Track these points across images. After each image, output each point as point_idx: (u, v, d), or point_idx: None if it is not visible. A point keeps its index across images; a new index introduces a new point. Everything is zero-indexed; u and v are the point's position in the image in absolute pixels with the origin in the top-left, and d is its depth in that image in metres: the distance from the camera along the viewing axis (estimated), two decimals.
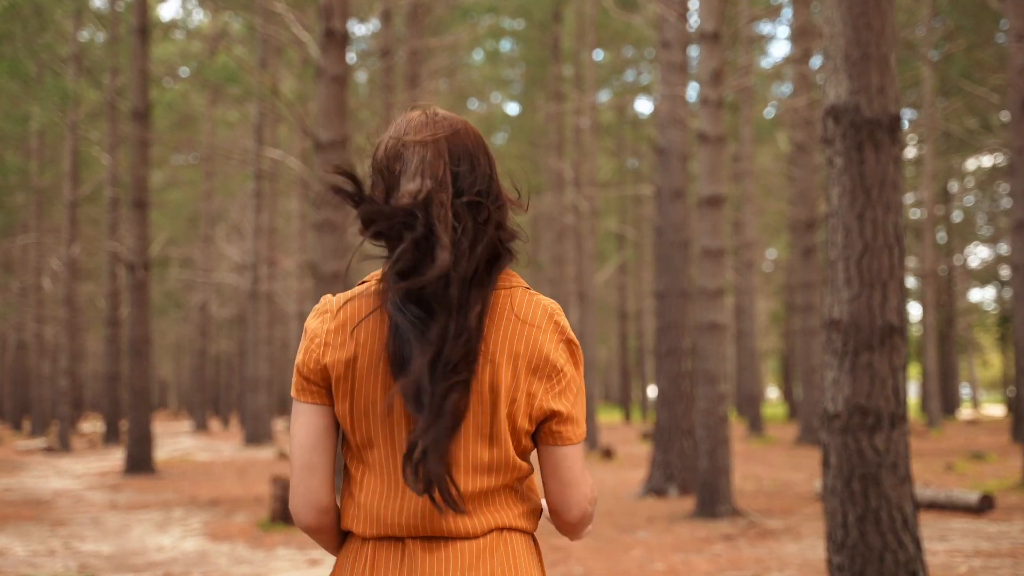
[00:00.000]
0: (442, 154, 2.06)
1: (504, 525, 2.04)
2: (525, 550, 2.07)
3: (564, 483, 2.06)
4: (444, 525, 1.99)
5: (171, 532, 11.90)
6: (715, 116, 12.30)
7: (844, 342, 5.70)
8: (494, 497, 2.04)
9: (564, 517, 2.09)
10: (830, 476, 5.75)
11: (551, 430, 2.03)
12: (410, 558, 1.99)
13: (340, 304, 2.06)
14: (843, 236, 5.74)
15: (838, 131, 5.78)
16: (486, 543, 2.01)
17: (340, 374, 2.01)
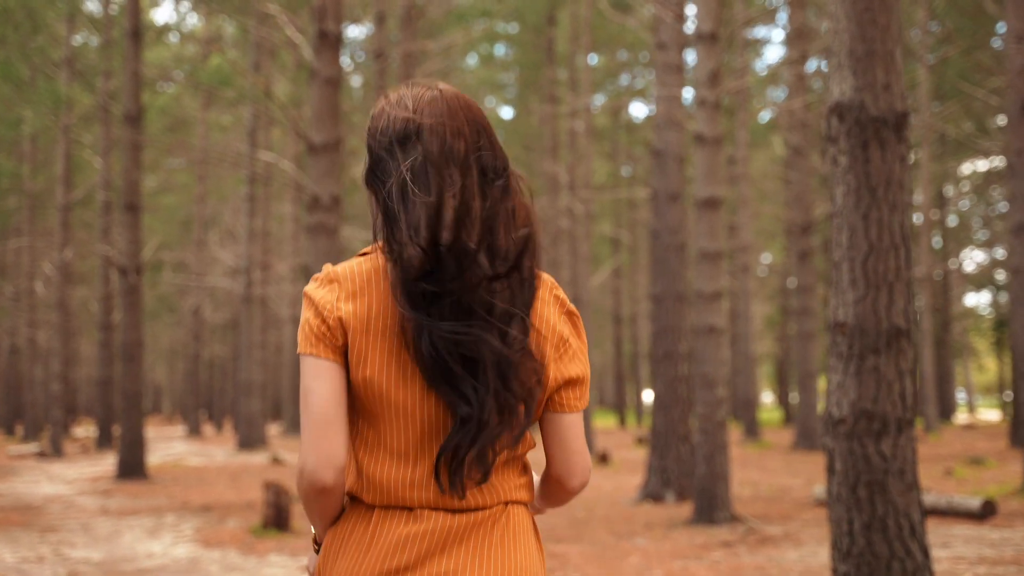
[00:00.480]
0: (462, 134, 2.03)
1: (510, 499, 2.07)
2: (526, 521, 2.10)
3: (570, 451, 2.10)
4: (457, 502, 2.01)
5: (162, 538, 11.74)
6: (712, 117, 12.17)
7: (849, 345, 5.56)
8: (504, 471, 2.07)
9: (568, 484, 2.13)
10: (835, 483, 5.61)
11: (560, 398, 2.07)
12: (417, 519, 2.00)
13: (348, 274, 2.03)
14: (848, 236, 5.60)
15: (842, 129, 5.64)
16: (491, 513, 2.03)
17: (358, 332, 1.99)
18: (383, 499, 2.02)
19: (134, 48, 20.51)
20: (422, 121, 2.03)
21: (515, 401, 1.97)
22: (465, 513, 2.02)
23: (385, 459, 2.02)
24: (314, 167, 14.97)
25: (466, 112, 2.06)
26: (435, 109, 2.05)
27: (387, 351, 1.99)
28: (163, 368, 77.25)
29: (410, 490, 2.00)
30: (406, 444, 2.01)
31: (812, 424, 25.61)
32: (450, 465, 1.97)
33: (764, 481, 17.63)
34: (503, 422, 1.97)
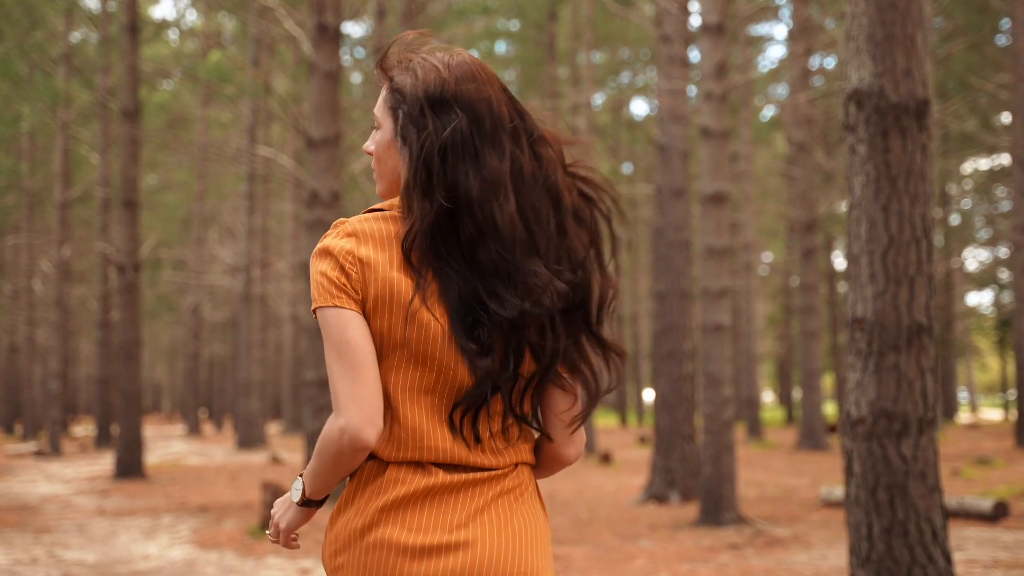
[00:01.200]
0: (505, 103, 2.08)
1: (521, 460, 2.10)
2: (532, 483, 2.13)
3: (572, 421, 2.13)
4: (473, 459, 2.03)
5: (158, 540, 11.52)
6: (719, 111, 11.94)
7: (868, 342, 5.34)
8: (516, 433, 2.10)
9: (566, 455, 2.17)
10: (853, 485, 5.38)
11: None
12: (430, 475, 2.00)
13: (367, 230, 2.04)
14: (867, 229, 5.38)
15: (861, 117, 5.42)
16: (502, 473, 2.06)
17: (377, 284, 1.98)
18: (398, 454, 2.02)
19: (131, 42, 20.30)
20: (463, 88, 2.04)
21: (542, 364, 2.04)
22: (477, 471, 2.04)
23: (400, 415, 2.02)
24: (313, 162, 14.75)
25: (495, 78, 2.09)
26: (475, 81, 2.06)
27: (403, 306, 1.98)
28: (163, 367, 77.12)
29: (425, 444, 2.01)
30: (420, 400, 2.02)
31: (816, 423, 25.38)
32: (464, 418, 2.02)
33: (769, 481, 17.41)
34: (519, 382, 2.04)
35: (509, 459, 2.08)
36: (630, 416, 54.85)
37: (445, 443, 2.02)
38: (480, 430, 2.04)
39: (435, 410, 2.02)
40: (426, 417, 2.02)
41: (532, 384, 2.06)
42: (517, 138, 2.05)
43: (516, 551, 2.02)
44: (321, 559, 2.22)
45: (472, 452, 2.03)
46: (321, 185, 14.56)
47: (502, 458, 2.07)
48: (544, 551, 2.09)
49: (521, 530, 2.04)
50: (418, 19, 24.18)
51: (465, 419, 2.02)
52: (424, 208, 1.99)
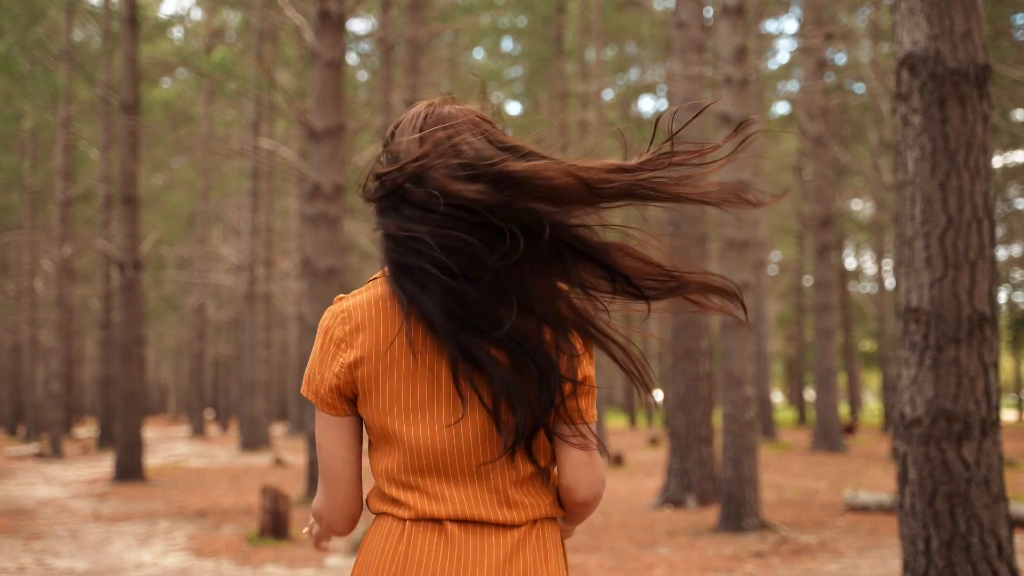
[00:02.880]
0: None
1: (541, 516, 2.09)
2: (555, 540, 2.12)
3: (581, 463, 2.08)
4: (488, 513, 2.04)
5: (153, 546, 11.01)
6: (739, 96, 11.38)
7: (925, 334, 4.80)
8: (532, 485, 2.09)
9: (574, 496, 2.10)
10: (908, 493, 4.84)
11: (573, 406, 2.06)
12: (450, 538, 2.02)
13: (356, 305, 2.09)
14: (922, 208, 4.84)
15: (915, 84, 4.89)
16: (523, 533, 2.05)
17: (368, 364, 2.05)
18: (412, 514, 2.05)
19: (131, 35, 19.82)
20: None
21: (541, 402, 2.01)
22: (496, 528, 2.04)
23: (408, 478, 2.07)
24: (315, 154, 14.24)
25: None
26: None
27: (398, 378, 2.05)
28: (169, 368, 76.85)
29: (437, 505, 2.04)
30: (425, 463, 2.05)
31: (832, 424, 24.82)
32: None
33: (788, 484, 16.87)
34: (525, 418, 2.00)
35: (524, 516, 2.07)
36: (640, 417, 54.30)
37: (453, 504, 2.05)
38: (497, 483, 2.06)
39: (438, 471, 2.07)
40: (429, 479, 2.07)
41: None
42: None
43: None
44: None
45: (489, 509, 2.05)
46: (323, 178, 14.06)
47: (517, 515, 2.07)
48: None
49: None
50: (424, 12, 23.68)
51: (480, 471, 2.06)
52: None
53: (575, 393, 2.08)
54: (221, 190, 41.71)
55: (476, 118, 2.15)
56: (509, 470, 2.06)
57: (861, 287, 52.04)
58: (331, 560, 9.78)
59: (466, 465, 2.05)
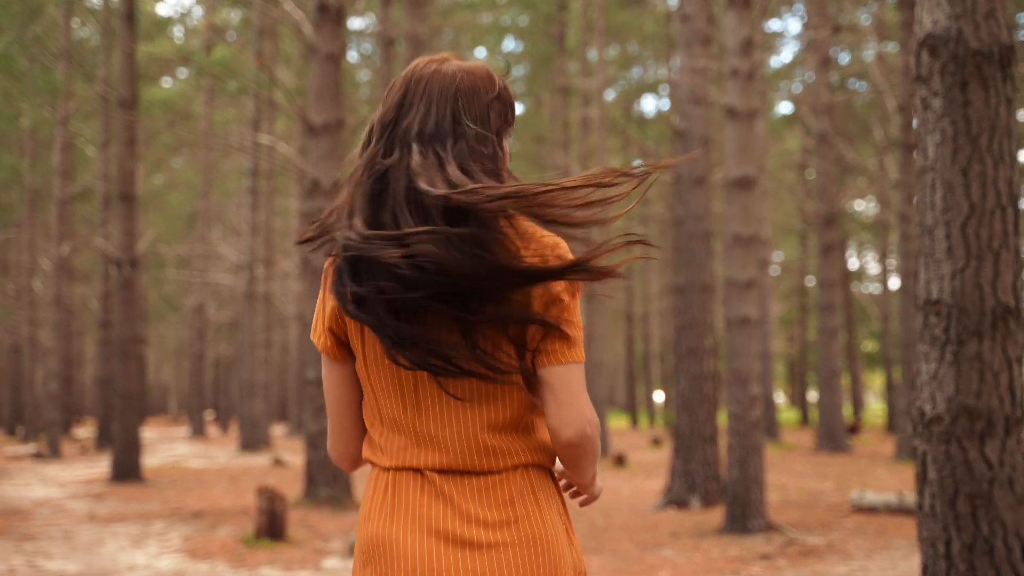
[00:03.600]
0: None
1: (524, 463, 2.11)
2: (540, 479, 2.13)
3: (560, 401, 2.06)
4: (465, 462, 2.09)
5: (147, 548, 10.79)
6: (745, 89, 11.16)
7: (946, 327, 4.57)
8: (511, 434, 2.11)
9: (560, 436, 2.07)
10: (928, 494, 4.62)
11: (550, 349, 2.06)
12: (429, 482, 2.08)
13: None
14: (943, 196, 4.62)
15: (935, 66, 4.66)
16: (503, 475, 2.09)
17: (353, 326, 2.13)
18: (393, 462, 2.12)
19: (128, 31, 19.60)
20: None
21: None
22: (475, 476, 2.09)
23: (387, 427, 2.15)
24: (314, 149, 14.03)
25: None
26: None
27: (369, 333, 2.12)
28: (170, 368, 76.72)
29: (417, 460, 2.11)
30: (397, 411, 2.13)
31: (836, 425, 24.59)
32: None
33: (792, 485, 16.64)
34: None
35: (504, 463, 2.11)
36: (641, 417, 54.10)
37: (429, 452, 2.11)
38: (473, 431, 2.10)
39: (410, 419, 2.13)
40: (402, 428, 2.14)
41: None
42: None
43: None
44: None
45: (467, 456, 2.09)
46: (322, 173, 13.85)
47: (497, 462, 2.10)
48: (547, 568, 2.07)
49: (525, 535, 2.07)
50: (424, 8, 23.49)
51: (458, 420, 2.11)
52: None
53: (547, 335, 2.06)
54: (221, 189, 41.57)
55: (459, 88, 2.16)
56: (483, 418, 2.09)
57: (864, 287, 51.85)
58: (328, 562, 9.57)
59: (437, 415, 2.10)
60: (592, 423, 2.09)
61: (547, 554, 2.07)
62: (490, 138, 2.16)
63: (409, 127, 2.13)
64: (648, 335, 50.88)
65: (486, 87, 2.20)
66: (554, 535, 2.09)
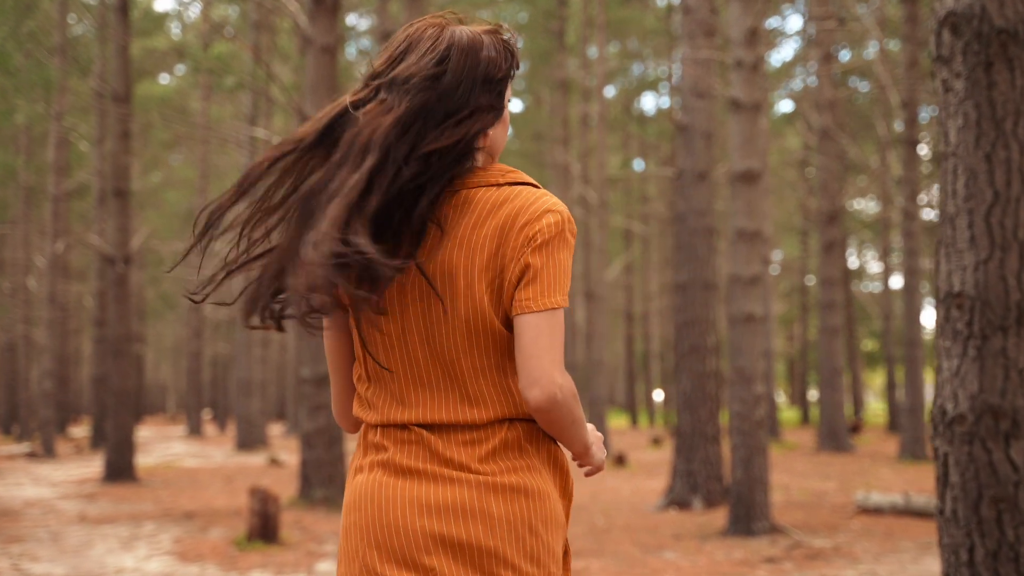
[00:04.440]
0: None
1: (511, 415, 2.09)
2: (531, 432, 2.10)
3: (525, 355, 2.00)
4: (450, 415, 2.08)
5: (136, 550, 10.53)
6: (750, 80, 10.90)
7: (968, 322, 4.32)
8: (494, 378, 2.09)
9: (527, 394, 2.00)
10: (949, 498, 4.37)
11: (518, 297, 2.02)
12: (415, 435, 2.09)
13: None
14: (966, 183, 4.37)
15: (958, 46, 4.41)
16: (489, 428, 2.08)
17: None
18: (381, 418, 2.14)
19: (122, 24, 19.34)
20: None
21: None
22: (460, 429, 2.08)
23: (373, 384, 2.17)
24: None
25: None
26: None
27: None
28: (168, 367, 76.55)
29: (399, 409, 2.12)
30: (384, 366, 2.14)
31: (838, 424, 24.34)
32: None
33: (795, 485, 16.39)
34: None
35: (492, 412, 2.08)
36: (641, 416, 53.86)
37: (420, 417, 2.11)
38: (460, 376, 2.09)
39: (383, 377, 2.17)
40: (395, 399, 2.14)
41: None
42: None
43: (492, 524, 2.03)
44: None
45: (453, 408, 2.08)
46: None
47: (484, 411, 2.08)
48: (514, 533, 2.04)
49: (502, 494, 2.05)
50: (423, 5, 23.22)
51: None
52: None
53: (519, 284, 2.02)
54: (219, 186, 41.37)
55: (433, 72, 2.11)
56: (468, 366, 2.07)
57: (863, 286, 51.63)
58: (321, 565, 9.32)
59: (424, 367, 2.10)
60: (562, 387, 2.00)
61: (525, 502, 2.04)
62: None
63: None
64: (648, 334, 50.64)
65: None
66: (536, 486, 2.06)
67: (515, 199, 2.06)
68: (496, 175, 2.11)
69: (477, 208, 2.06)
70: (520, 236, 2.02)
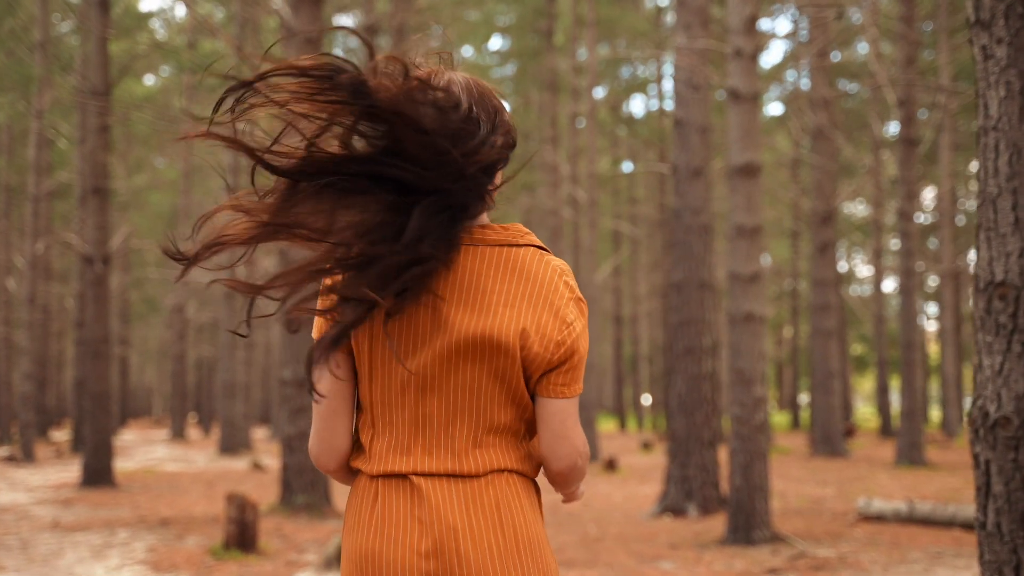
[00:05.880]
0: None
1: (504, 467, 2.13)
2: (524, 486, 2.16)
3: (554, 434, 2.14)
4: (449, 465, 2.10)
5: (108, 559, 10.05)
6: (749, 70, 10.48)
7: (1013, 313, 3.89)
8: (496, 440, 2.14)
9: (550, 467, 2.18)
10: (992, 510, 3.93)
11: (551, 382, 2.12)
12: (415, 488, 2.09)
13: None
14: (1009, 160, 3.93)
15: (999, 8, 3.98)
16: (487, 480, 2.11)
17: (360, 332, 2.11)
18: (379, 469, 2.13)
19: (101, 17, 18.84)
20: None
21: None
22: (462, 480, 2.10)
23: (378, 432, 2.16)
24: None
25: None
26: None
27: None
28: (153, 370, 76.05)
29: (403, 464, 2.11)
30: (395, 414, 2.14)
31: (832, 428, 23.95)
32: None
33: (791, 491, 15.96)
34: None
35: (487, 465, 2.12)
36: (630, 420, 53.44)
37: (412, 457, 2.12)
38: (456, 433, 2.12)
39: (393, 424, 2.15)
40: (387, 433, 2.16)
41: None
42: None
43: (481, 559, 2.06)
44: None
45: (452, 461, 2.10)
46: None
47: (480, 464, 2.11)
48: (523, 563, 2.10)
49: (502, 534, 2.09)
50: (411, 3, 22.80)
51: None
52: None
53: (557, 368, 2.11)
54: (203, 187, 40.97)
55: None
56: (482, 420, 2.12)
57: (852, 290, 51.38)
58: (300, 575, 8.86)
59: (438, 416, 2.12)
60: (583, 455, 2.19)
61: (532, 553, 2.10)
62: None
63: None
64: (636, 337, 50.22)
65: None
66: (538, 538, 2.13)
67: (547, 269, 2.15)
68: (516, 235, 2.16)
69: (507, 265, 2.13)
70: (559, 318, 2.11)
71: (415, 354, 2.08)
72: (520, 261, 2.11)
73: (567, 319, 2.10)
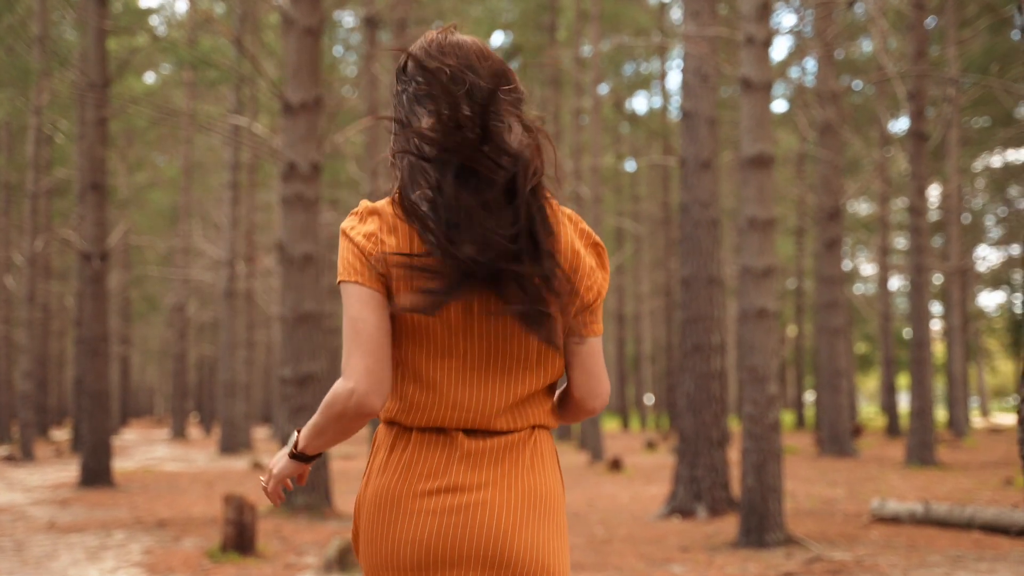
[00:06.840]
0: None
1: (537, 423, 2.20)
2: (550, 445, 2.23)
3: (591, 375, 2.22)
4: (491, 423, 2.14)
5: (103, 562, 9.77)
6: (762, 58, 10.18)
7: None
8: (535, 397, 2.19)
9: (589, 405, 2.26)
10: None
11: (584, 322, 2.18)
12: (452, 440, 2.13)
13: (388, 208, 2.13)
14: None
15: None
16: (521, 436, 2.17)
17: (399, 264, 2.07)
18: (421, 421, 2.14)
19: (99, 11, 18.55)
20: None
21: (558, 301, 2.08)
22: (496, 436, 2.15)
23: (422, 384, 2.13)
24: (291, 130, 13.02)
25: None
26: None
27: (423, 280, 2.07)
28: (154, 369, 75.96)
29: (447, 412, 2.13)
30: (443, 369, 2.13)
31: (840, 427, 23.66)
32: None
33: (802, 492, 15.67)
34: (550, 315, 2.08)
35: (525, 422, 2.17)
36: (633, 420, 53.21)
37: (463, 412, 2.13)
38: (502, 391, 2.14)
39: (454, 378, 2.13)
40: (443, 386, 2.13)
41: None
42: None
43: (520, 516, 2.11)
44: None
45: (492, 419, 2.13)
46: (299, 156, 12.86)
47: (519, 421, 2.16)
48: (550, 520, 2.15)
49: (529, 494, 2.13)
50: None
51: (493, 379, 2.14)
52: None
53: (588, 308, 2.16)
54: (203, 185, 40.73)
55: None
56: (528, 382, 2.16)
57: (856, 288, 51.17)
58: None
59: (488, 378, 2.13)
60: (609, 393, 2.29)
61: (550, 511, 2.16)
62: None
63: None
64: (639, 336, 49.98)
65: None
66: (558, 498, 2.20)
67: (569, 214, 2.25)
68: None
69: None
70: (591, 256, 2.21)
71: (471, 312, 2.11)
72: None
73: (591, 263, 2.18)
